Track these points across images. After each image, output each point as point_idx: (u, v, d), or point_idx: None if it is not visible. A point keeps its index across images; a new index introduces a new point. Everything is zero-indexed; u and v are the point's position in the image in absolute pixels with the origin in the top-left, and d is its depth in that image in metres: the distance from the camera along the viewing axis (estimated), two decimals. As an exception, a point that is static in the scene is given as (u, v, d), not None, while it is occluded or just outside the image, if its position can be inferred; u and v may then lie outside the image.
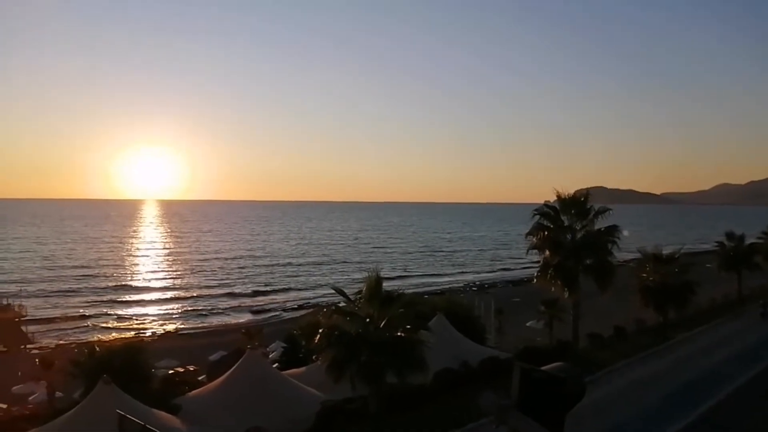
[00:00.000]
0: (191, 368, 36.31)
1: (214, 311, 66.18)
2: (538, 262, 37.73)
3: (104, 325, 58.87)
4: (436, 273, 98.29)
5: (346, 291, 25.18)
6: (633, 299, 41.54)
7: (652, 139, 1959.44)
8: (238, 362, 24.07)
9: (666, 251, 43.65)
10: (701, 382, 27.49)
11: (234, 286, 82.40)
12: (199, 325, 59.73)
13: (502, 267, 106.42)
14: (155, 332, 56.25)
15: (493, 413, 2.34)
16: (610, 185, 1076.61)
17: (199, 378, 32.68)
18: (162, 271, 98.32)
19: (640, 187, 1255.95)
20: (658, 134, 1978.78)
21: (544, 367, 2.43)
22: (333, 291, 27.06)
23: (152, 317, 63.39)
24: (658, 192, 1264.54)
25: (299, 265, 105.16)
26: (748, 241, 58.18)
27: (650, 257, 42.30)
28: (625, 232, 35.81)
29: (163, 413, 20.13)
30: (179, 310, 66.44)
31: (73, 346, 45.19)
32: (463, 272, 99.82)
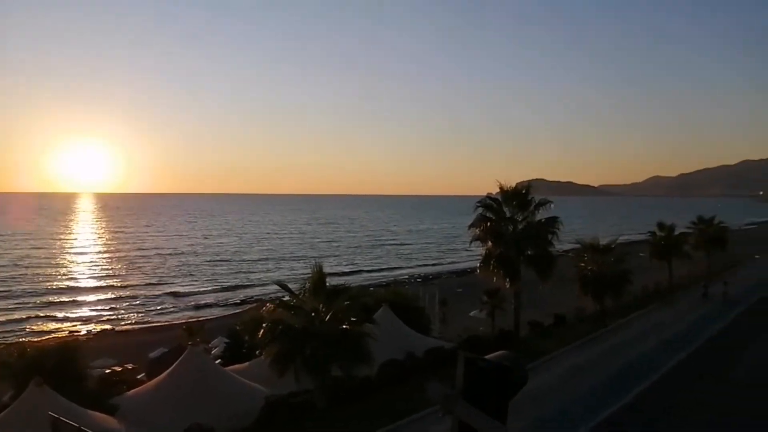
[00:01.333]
0: (130, 366, 35.16)
1: (154, 308, 64.23)
2: (481, 253, 38.37)
3: (36, 324, 56.23)
4: (382, 265, 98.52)
5: (290, 285, 24.93)
6: (572, 288, 42.90)
7: (590, 134, 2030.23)
8: (179, 359, 23.48)
9: (603, 241, 45.25)
10: (636, 367, 28.70)
11: (175, 281, 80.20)
12: (139, 322, 57.89)
13: (446, 258, 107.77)
14: (91, 331, 54.12)
15: (439, 403, 2.31)
16: (550, 178, 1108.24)
17: (138, 376, 31.72)
18: (98, 267, 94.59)
19: (579, 180, 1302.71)
20: (595, 129, 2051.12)
21: (487, 356, 2.42)
22: (277, 286, 26.72)
23: (88, 315, 60.89)
24: (595, 184, 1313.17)
25: (242, 259, 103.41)
26: (678, 231, 60.93)
27: (588, 247, 43.76)
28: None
29: (98, 414, 19.42)
30: (117, 308, 64.08)
31: (1, 347, 42.98)
32: (408, 264, 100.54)
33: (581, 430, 20.58)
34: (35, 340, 45.38)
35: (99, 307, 64.58)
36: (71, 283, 79.37)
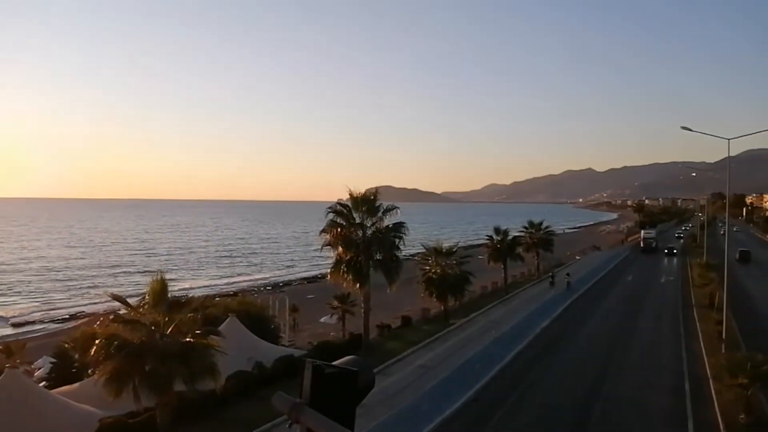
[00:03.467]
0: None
1: (-37, 328, 56.33)
2: (332, 258, 38.54)
3: None
4: (230, 274, 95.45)
5: (128, 299, 23.25)
6: (418, 290, 44.72)
7: (433, 143, 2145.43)
8: (-7, 385, 20.75)
9: (446, 245, 47.72)
10: (477, 361, 30.68)
11: (-12, 297, 71.05)
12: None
13: (298, 265, 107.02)
14: None
15: (286, 412, 2.18)
16: (397, 184, 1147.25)
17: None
18: None
19: (424, 187, 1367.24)
20: (437, 138, 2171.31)
21: (335, 362, 2.34)
22: (112, 299, 24.73)
23: None
24: (439, 191, 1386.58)
25: (72, 271, 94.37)
26: (512, 234, 66.03)
27: (432, 251, 45.93)
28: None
29: None
30: None
31: None
32: (259, 272, 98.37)
33: (431, 423, 21.57)
34: None
35: None
36: None
